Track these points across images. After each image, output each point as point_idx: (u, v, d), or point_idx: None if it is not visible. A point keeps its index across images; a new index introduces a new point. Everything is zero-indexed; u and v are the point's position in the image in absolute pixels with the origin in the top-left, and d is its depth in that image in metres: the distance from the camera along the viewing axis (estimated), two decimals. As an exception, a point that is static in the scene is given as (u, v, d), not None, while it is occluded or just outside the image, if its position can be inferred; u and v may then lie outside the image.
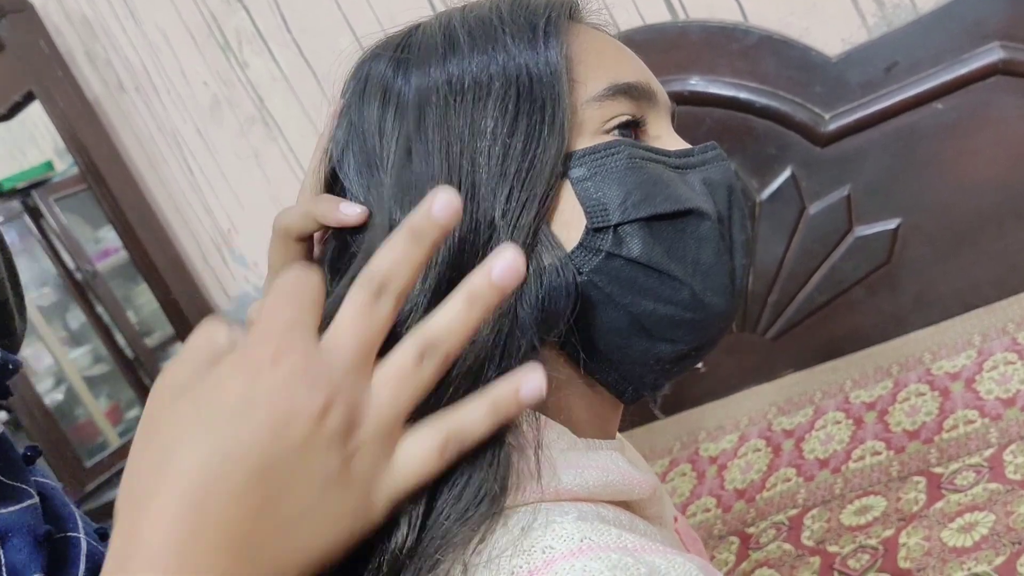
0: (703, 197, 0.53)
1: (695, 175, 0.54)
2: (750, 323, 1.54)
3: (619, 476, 0.50)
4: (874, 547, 1.02)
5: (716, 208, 0.53)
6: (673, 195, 0.51)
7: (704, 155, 0.55)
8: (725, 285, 0.52)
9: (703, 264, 0.51)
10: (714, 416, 1.51)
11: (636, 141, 0.54)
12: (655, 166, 0.52)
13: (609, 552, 0.41)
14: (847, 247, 1.44)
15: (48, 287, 3.28)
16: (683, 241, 0.51)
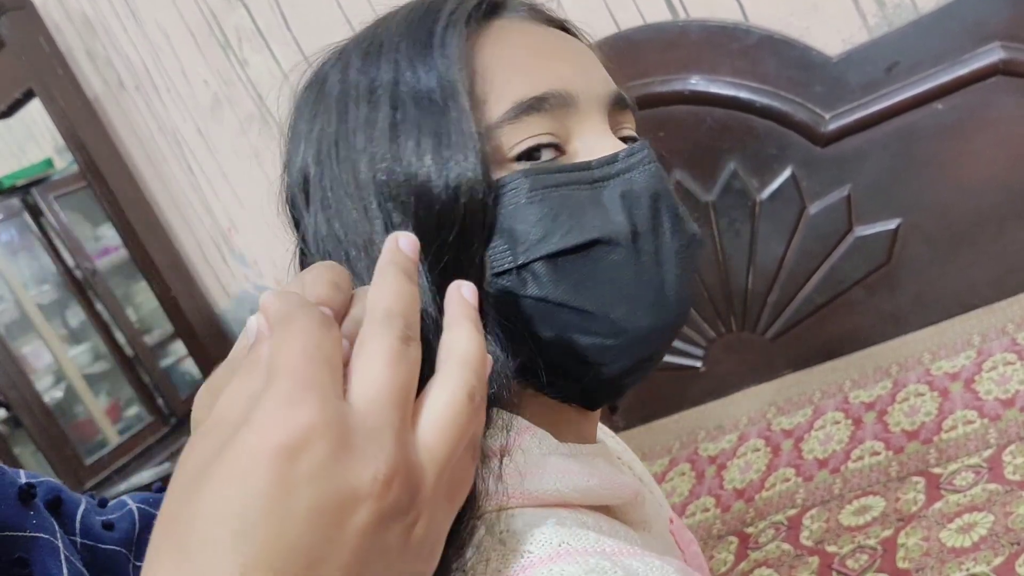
0: (617, 216, 0.49)
1: (614, 187, 0.49)
2: (750, 323, 1.54)
3: (600, 481, 0.49)
4: (873, 547, 1.02)
5: (631, 224, 0.49)
6: (577, 227, 0.48)
7: (630, 159, 0.50)
8: (652, 302, 0.49)
9: (621, 289, 0.49)
10: (713, 416, 1.51)
11: (542, 165, 0.49)
12: (563, 191, 0.48)
13: (587, 556, 0.41)
14: (847, 247, 1.44)
15: (48, 285, 3.28)
16: (594, 271, 0.48)
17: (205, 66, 1.90)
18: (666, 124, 1.51)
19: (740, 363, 1.56)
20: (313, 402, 0.31)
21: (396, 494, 0.32)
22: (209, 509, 0.31)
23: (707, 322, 1.58)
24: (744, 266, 1.52)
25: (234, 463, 0.31)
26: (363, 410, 0.32)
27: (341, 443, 0.31)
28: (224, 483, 0.31)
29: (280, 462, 0.30)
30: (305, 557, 0.30)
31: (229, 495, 0.30)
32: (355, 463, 0.31)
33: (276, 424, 0.31)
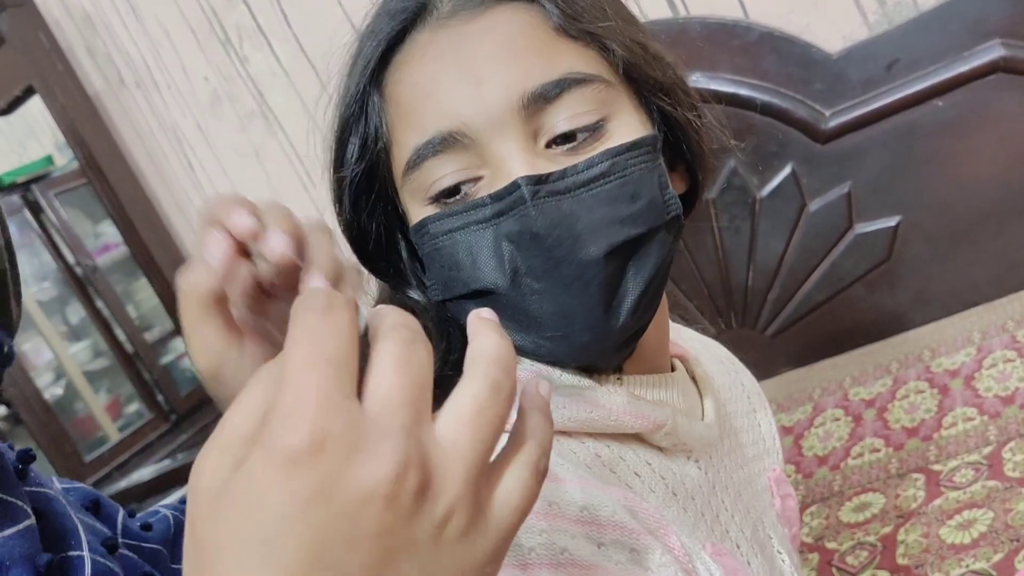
0: (493, 261, 0.51)
1: (507, 225, 0.51)
2: (750, 319, 1.54)
3: (603, 413, 0.53)
4: (873, 544, 1.03)
5: (511, 268, 0.51)
6: (465, 278, 0.52)
7: (510, 198, 0.50)
8: (566, 327, 0.51)
9: (530, 325, 0.52)
10: (713, 413, 1.51)
11: (444, 209, 0.52)
12: (462, 235, 0.52)
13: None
14: (847, 244, 1.44)
15: (48, 282, 3.28)
16: (501, 311, 0.51)
17: (205, 63, 1.90)
18: (666, 121, 1.51)
19: (740, 359, 1.56)
20: (319, 410, 0.31)
21: (411, 487, 0.31)
22: (232, 538, 0.30)
23: (707, 319, 1.58)
24: (744, 263, 1.52)
25: (249, 484, 0.30)
26: (374, 411, 0.32)
27: (351, 447, 0.30)
28: (243, 506, 0.30)
29: (293, 476, 0.30)
30: (333, 568, 0.30)
31: (250, 518, 0.30)
32: (366, 463, 0.31)
33: (285, 437, 0.30)
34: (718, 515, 0.60)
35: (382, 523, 0.31)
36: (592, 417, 0.53)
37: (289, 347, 0.32)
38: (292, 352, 0.32)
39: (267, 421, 0.31)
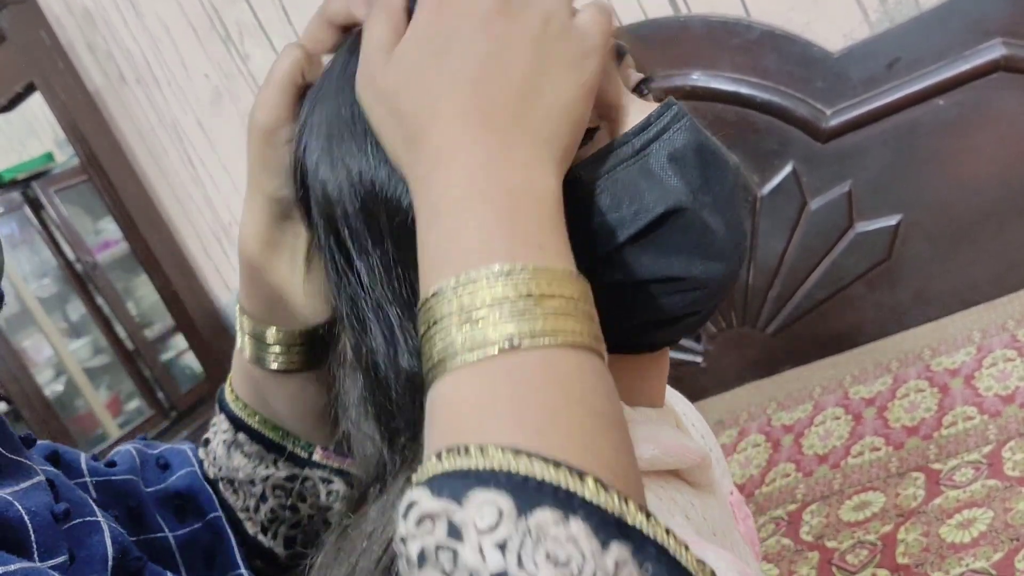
0: (672, 182, 0.49)
1: (659, 152, 0.50)
2: (750, 318, 1.54)
3: (665, 449, 0.51)
4: (873, 543, 1.03)
5: (688, 186, 0.49)
6: (641, 208, 0.49)
7: (662, 121, 0.51)
8: (722, 249, 0.51)
9: (696, 247, 0.50)
10: (713, 411, 1.51)
11: (585, 156, 0.50)
12: (614, 175, 0.50)
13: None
14: (847, 243, 1.44)
15: (48, 278, 3.28)
16: (667, 241, 0.50)
17: (206, 59, 1.90)
18: (667, 119, 1.51)
19: (740, 358, 1.56)
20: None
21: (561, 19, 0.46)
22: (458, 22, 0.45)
23: (707, 317, 1.58)
24: (745, 261, 1.52)
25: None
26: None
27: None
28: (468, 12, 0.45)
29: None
30: (531, 50, 0.45)
31: (468, 16, 0.46)
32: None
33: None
34: (738, 548, 0.58)
35: (559, 30, 0.45)
36: (656, 455, 0.51)
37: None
38: None
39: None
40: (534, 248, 0.39)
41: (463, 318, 0.38)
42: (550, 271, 0.39)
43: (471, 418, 0.36)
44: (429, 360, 0.39)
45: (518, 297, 0.38)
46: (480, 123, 0.42)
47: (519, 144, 0.42)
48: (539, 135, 0.43)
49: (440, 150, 0.42)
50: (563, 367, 0.38)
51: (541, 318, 0.38)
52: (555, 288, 0.38)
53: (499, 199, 0.40)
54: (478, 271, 0.38)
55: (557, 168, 0.43)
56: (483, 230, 0.40)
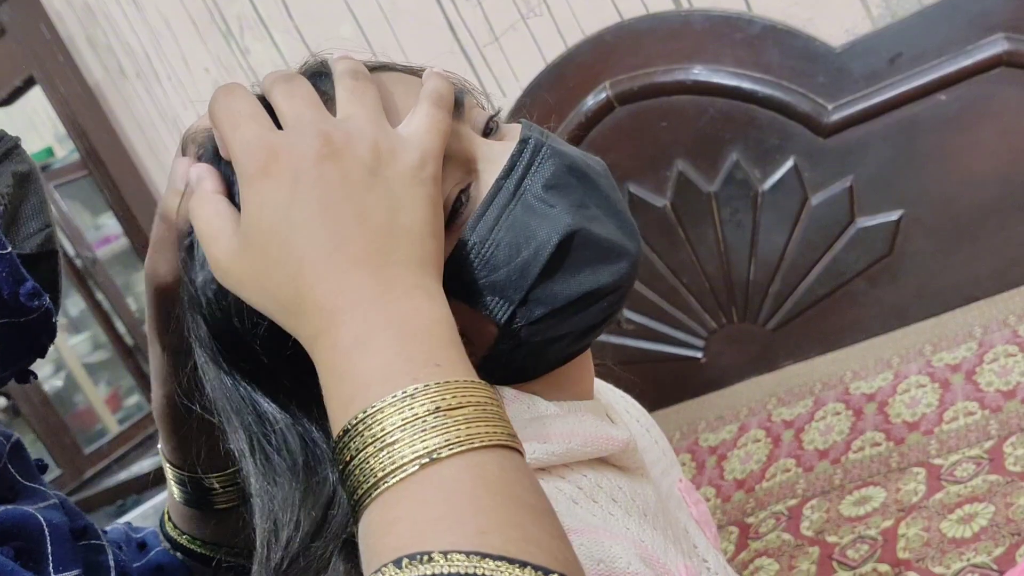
0: (554, 212, 0.51)
1: (534, 187, 0.52)
2: (751, 314, 1.54)
3: (583, 440, 0.54)
4: (873, 537, 1.02)
5: (571, 207, 0.52)
6: (539, 244, 0.51)
7: (524, 157, 0.53)
8: (621, 247, 0.53)
9: (597, 260, 0.52)
10: (714, 406, 1.51)
11: (467, 215, 0.52)
12: (503, 224, 0.51)
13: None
14: (849, 238, 1.44)
15: (48, 273, 3.27)
16: (572, 263, 0.52)
17: (206, 54, 1.90)
18: (668, 114, 1.50)
19: (741, 354, 1.56)
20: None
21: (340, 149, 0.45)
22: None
23: (708, 313, 1.57)
24: (746, 257, 1.52)
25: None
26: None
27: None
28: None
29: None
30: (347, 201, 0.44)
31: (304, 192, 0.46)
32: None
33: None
34: (687, 529, 0.60)
35: (345, 174, 0.44)
36: (570, 447, 0.53)
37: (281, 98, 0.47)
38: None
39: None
40: (432, 367, 0.41)
41: (378, 446, 0.39)
42: (453, 384, 0.40)
43: (409, 534, 0.37)
44: (352, 495, 0.39)
45: (427, 413, 0.39)
46: (352, 271, 0.42)
47: (395, 277, 0.43)
48: (411, 261, 0.44)
49: (322, 309, 0.42)
50: (487, 468, 0.39)
51: (455, 427, 0.39)
52: (461, 398, 0.40)
53: (389, 332, 0.41)
54: (383, 400, 0.39)
55: (436, 283, 0.45)
56: (381, 362, 0.41)
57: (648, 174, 1.55)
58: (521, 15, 1.59)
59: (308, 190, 0.43)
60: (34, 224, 0.52)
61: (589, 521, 0.50)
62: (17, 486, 0.52)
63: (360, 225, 0.43)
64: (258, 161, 0.44)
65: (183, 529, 0.67)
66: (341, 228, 0.43)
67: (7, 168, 0.52)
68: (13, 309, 0.47)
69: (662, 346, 1.61)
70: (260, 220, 0.44)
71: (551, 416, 0.55)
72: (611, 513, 0.53)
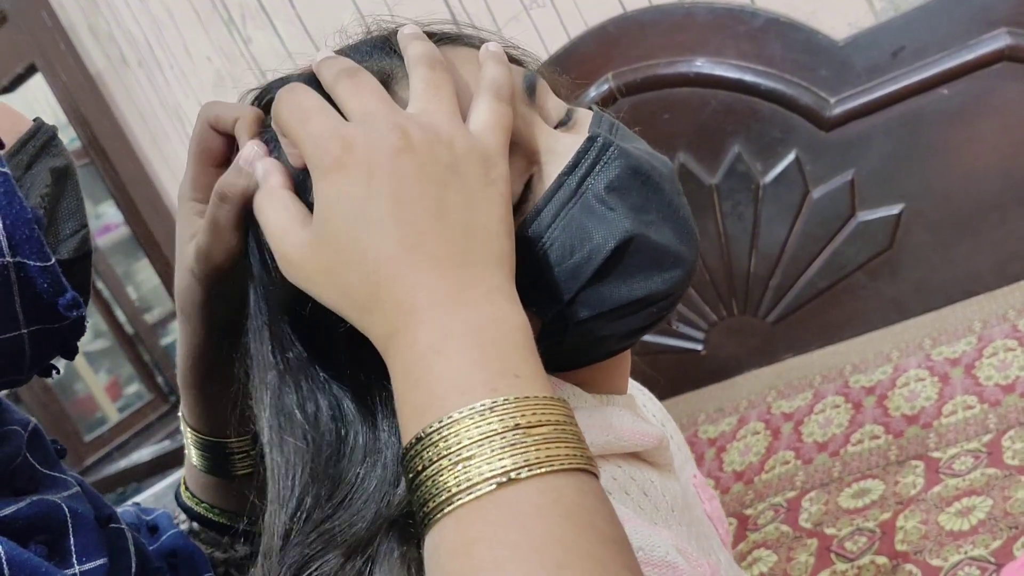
0: (614, 214, 0.50)
1: (596, 187, 0.51)
2: (751, 306, 1.54)
3: (621, 433, 0.54)
4: (871, 530, 1.03)
5: (631, 211, 0.50)
6: (593, 248, 0.50)
7: (590, 155, 0.51)
8: (677, 255, 0.52)
9: (651, 267, 0.51)
10: (714, 399, 1.51)
11: (527, 211, 0.51)
12: (559, 223, 0.50)
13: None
14: (849, 232, 1.44)
15: (48, 261, 3.28)
16: (627, 267, 0.51)
17: (208, 42, 1.90)
18: (671, 106, 1.50)
19: (741, 346, 1.57)
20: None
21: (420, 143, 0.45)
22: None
23: (708, 305, 1.58)
24: (747, 249, 1.52)
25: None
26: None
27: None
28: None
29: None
30: (434, 197, 0.44)
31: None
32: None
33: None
34: (702, 526, 0.61)
35: (421, 170, 0.43)
36: (608, 440, 0.53)
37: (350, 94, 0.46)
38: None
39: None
40: (511, 379, 0.39)
41: (452, 459, 0.37)
42: (533, 400, 0.39)
43: (487, 558, 0.36)
44: (422, 506, 0.38)
45: (505, 430, 0.38)
46: (430, 270, 0.41)
47: (473, 278, 0.42)
48: (488, 261, 0.43)
49: (399, 307, 0.41)
50: (565, 494, 0.38)
51: (534, 447, 0.37)
52: (540, 416, 0.38)
53: (467, 338, 0.40)
54: (460, 411, 0.38)
55: (512, 284, 0.44)
56: (458, 371, 0.39)
57: (650, 166, 1.55)
58: (524, 6, 1.59)
59: (384, 184, 0.42)
60: (71, 225, 0.51)
61: (623, 512, 0.50)
62: (38, 475, 0.52)
63: (438, 222, 0.42)
64: (332, 154, 0.43)
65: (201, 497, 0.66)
66: (419, 224, 0.42)
67: (45, 164, 0.51)
68: (49, 317, 0.47)
69: (662, 338, 1.61)
70: (334, 214, 0.43)
71: (590, 408, 0.54)
72: (641, 507, 0.53)
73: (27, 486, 0.50)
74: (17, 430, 0.52)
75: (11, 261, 0.45)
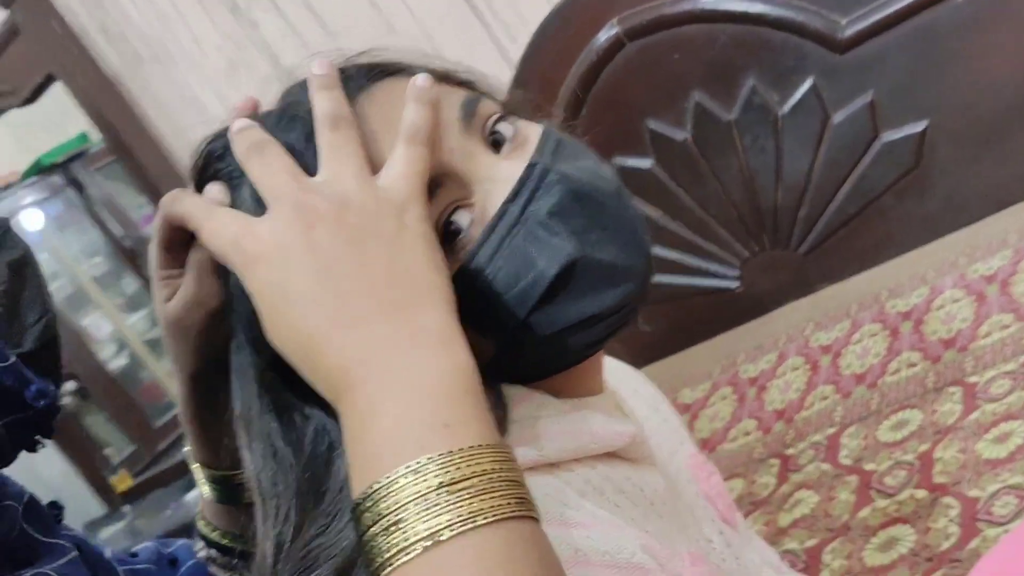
0: (556, 240, 0.50)
1: (538, 213, 0.51)
2: (782, 239, 1.52)
3: (592, 436, 0.55)
4: (910, 463, 1.02)
5: (573, 235, 0.51)
6: (537, 274, 0.50)
7: (530, 183, 0.52)
8: (626, 268, 0.52)
9: (600, 284, 0.52)
10: (752, 336, 1.50)
11: (467, 247, 0.51)
12: (503, 252, 0.51)
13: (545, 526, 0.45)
14: (874, 154, 1.41)
15: (99, 257, 3.35)
16: (573, 289, 0.51)
17: (216, 31, 1.90)
18: (680, 46, 1.48)
19: (775, 281, 1.55)
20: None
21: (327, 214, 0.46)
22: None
23: (739, 242, 1.56)
24: (771, 183, 1.50)
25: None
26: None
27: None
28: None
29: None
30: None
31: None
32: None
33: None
34: (693, 511, 0.61)
35: (333, 238, 0.45)
36: (579, 444, 0.54)
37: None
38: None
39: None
40: (440, 430, 0.41)
41: (385, 524, 0.39)
42: (460, 453, 0.40)
43: None
44: (369, 566, 0.40)
45: (429, 490, 0.39)
46: (358, 326, 0.43)
47: (404, 323, 0.43)
48: (418, 301, 0.44)
49: (334, 373, 0.43)
50: (490, 548, 0.39)
51: (456, 505, 0.39)
52: (467, 469, 0.40)
53: (397, 395, 0.42)
54: (388, 475, 0.40)
55: (446, 316, 0.45)
56: (391, 430, 0.41)
57: (665, 108, 1.53)
58: (522, -42, 1.57)
59: (299, 261, 0.44)
60: (32, 315, 0.53)
61: (596, 514, 0.51)
62: (35, 544, 0.54)
63: (359, 280, 0.44)
64: (244, 253, 0.46)
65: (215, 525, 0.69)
66: (339, 288, 0.44)
67: (1, 259, 0.53)
68: (20, 407, 0.49)
69: (696, 279, 1.60)
70: (264, 303, 0.46)
71: (560, 414, 0.55)
72: (618, 505, 0.54)
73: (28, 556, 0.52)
74: (12, 505, 0.54)
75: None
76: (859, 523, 1.01)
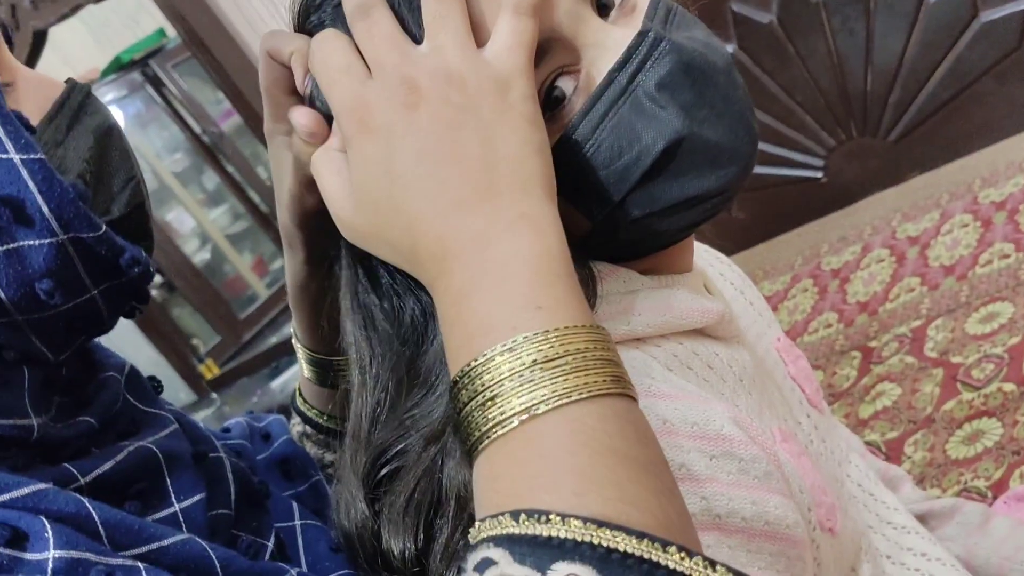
0: (665, 113, 0.48)
1: (646, 84, 0.49)
2: (871, 127, 1.47)
3: (679, 312, 0.54)
4: (999, 356, 1.00)
5: (683, 110, 0.49)
6: (642, 149, 0.49)
7: (640, 51, 0.49)
8: (732, 151, 0.50)
9: (704, 165, 0.50)
10: (837, 227, 1.47)
11: (572, 114, 0.49)
12: (607, 124, 0.49)
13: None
14: (972, 35, 1.34)
15: (180, 152, 3.40)
16: (677, 168, 0.49)
17: (287, -81, 1.87)
18: (766, -78, 1.41)
19: (862, 170, 1.50)
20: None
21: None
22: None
23: (825, 130, 1.51)
24: (861, 67, 1.43)
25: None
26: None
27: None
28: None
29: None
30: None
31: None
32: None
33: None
34: (782, 391, 0.60)
35: (434, 119, 0.44)
36: (666, 319, 0.54)
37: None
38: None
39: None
40: (532, 312, 0.41)
41: (483, 399, 0.40)
42: (553, 332, 0.40)
43: (508, 492, 0.38)
44: (465, 441, 0.41)
45: (524, 368, 0.40)
46: (455, 215, 0.43)
47: (497, 211, 0.43)
48: (514, 188, 0.44)
49: (432, 257, 0.43)
50: (584, 423, 0.39)
51: (551, 381, 0.39)
52: (559, 348, 0.40)
53: (492, 276, 0.42)
54: (484, 354, 0.40)
55: (543, 203, 0.44)
56: (484, 312, 0.42)
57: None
58: None
59: (402, 141, 0.44)
60: (119, 180, 0.53)
61: (683, 387, 0.51)
62: (137, 415, 0.55)
63: (456, 165, 0.43)
64: (354, 120, 0.45)
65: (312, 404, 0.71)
66: (439, 173, 0.44)
67: (85, 125, 0.52)
68: (114, 274, 0.50)
69: (780, 169, 1.56)
70: (365, 179, 0.45)
71: (647, 290, 0.55)
72: (706, 379, 0.53)
73: (129, 428, 0.53)
74: (114, 376, 0.55)
75: (65, 238, 0.47)
76: (944, 416, 0.99)
